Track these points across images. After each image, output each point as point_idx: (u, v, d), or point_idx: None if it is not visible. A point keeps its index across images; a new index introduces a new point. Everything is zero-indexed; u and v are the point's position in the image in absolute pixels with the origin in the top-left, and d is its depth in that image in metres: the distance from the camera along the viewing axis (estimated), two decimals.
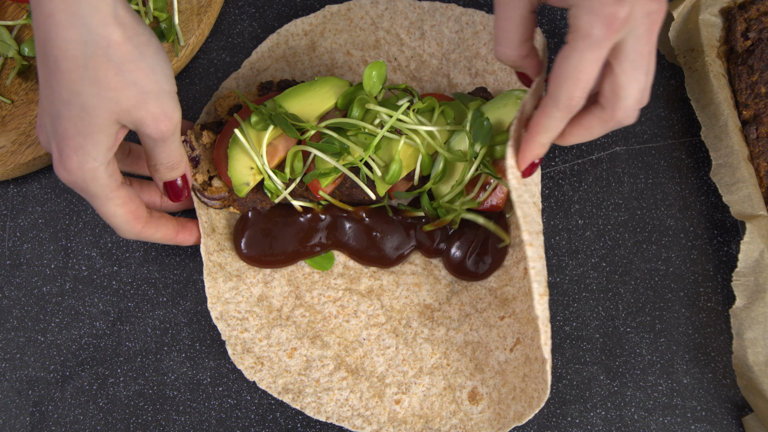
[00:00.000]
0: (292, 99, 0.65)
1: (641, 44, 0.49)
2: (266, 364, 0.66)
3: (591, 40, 0.48)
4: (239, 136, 0.62)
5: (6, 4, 0.75)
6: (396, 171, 0.63)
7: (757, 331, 0.63)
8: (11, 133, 0.71)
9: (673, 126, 0.73)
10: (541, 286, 0.54)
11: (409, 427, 0.64)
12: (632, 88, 0.51)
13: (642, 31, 0.49)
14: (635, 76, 0.51)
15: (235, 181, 0.64)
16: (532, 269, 0.53)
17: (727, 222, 0.71)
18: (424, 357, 0.67)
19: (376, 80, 0.63)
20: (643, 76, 0.51)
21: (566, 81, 0.50)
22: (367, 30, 0.73)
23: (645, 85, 0.52)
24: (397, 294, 0.69)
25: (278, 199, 0.66)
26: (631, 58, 0.50)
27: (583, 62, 0.49)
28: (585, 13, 0.48)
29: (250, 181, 0.64)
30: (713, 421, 0.67)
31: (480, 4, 0.75)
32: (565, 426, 0.67)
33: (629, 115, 0.53)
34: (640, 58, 0.50)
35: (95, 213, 0.72)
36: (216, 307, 0.66)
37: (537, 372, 0.61)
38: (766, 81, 0.67)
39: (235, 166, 0.63)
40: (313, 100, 0.65)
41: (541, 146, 0.55)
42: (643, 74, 0.51)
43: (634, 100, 0.52)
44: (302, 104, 0.65)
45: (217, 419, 0.68)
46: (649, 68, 0.51)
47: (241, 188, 0.64)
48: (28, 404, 0.69)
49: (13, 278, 0.71)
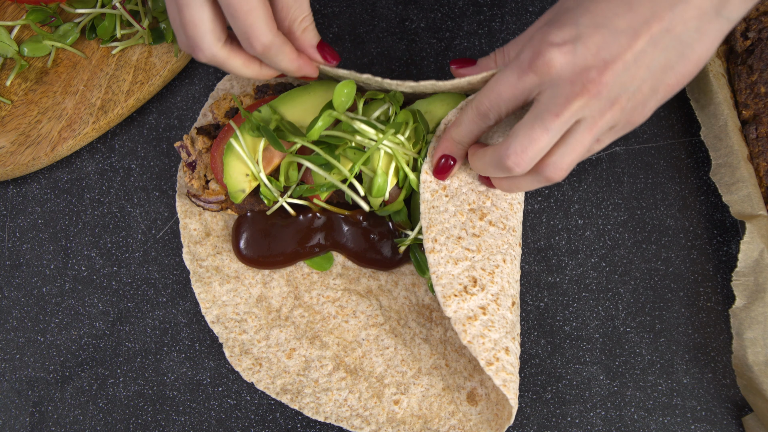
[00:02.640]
0: (288, 104, 0.64)
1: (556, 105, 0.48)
2: (265, 365, 0.66)
3: (516, 63, 0.50)
4: (234, 145, 0.62)
5: (6, 4, 0.75)
6: (381, 185, 0.62)
7: (757, 331, 0.63)
8: (11, 133, 0.71)
9: (672, 126, 0.73)
10: (449, 289, 0.54)
11: (407, 427, 0.64)
12: (523, 137, 0.50)
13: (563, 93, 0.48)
14: (533, 131, 0.49)
15: (231, 187, 0.63)
16: (433, 274, 0.55)
17: (727, 222, 0.70)
18: (422, 357, 0.67)
19: (345, 99, 0.62)
20: (544, 136, 0.49)
21: (485, 88, 0.53)
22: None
23: (542, 146, 0.50)
24: (395, 294, 0.69)
25: (274, 207, 0.65)
26: (537, 111, 0.49)
27: (502, 78, 0.51)
28: (529, 43, 0.49)
29: (246, 188, 0.64)
30: (713, 421, 0.67)
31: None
32: (565, 426, 0.67)
33: (518, 163, 0.51)
34: (550, 117, 0.48)
35: (95, 213, 0.72)
36: (211, 311, 0.66)
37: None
38: (766, 81, 0.67)
39: (230, 173, 0.63)
40: (307, 106, 0.64)
41: (452, 141, 0.57)
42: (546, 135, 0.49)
43: (522, 150, 0.50)
44: (298, 110, 0.64)
45: (217, 419, 0.68)
46: (553, 136, 0.49)
47: (236, 195, 0.64)
48: (28, 404, 0.69)
49: (13, 278, 0.71)
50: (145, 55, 0.73)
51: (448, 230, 0.57)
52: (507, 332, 0.57)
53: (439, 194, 0.59)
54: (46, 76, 0.73)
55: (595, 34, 0.46)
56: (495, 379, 0.55)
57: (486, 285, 0.57)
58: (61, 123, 0.71)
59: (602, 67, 0.46)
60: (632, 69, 0.47)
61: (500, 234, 0.60)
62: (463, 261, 0.57)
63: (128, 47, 0.73)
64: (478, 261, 0.58)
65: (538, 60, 0.47)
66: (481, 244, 0.58)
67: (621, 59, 0.46)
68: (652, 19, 0.45)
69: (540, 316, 0.69)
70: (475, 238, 0.58)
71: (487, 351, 0.55)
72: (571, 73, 0.47)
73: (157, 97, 0.75)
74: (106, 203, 0.73)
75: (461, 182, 0.60)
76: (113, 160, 0.74)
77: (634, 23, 0.46)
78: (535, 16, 0.75)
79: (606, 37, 0.46)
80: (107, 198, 0.73)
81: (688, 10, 0.45)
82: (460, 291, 0.55)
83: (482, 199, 0.60)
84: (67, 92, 0.73)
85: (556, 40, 0.47)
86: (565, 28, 0.47)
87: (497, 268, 0.59)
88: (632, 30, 0.46)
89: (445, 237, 0.57)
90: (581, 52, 0.46)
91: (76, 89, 0.72)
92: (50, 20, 0.74)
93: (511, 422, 0.61)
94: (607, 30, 0.46)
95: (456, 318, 0.55)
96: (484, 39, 0.75)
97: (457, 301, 0.55)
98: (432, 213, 0.58)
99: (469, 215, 0.59)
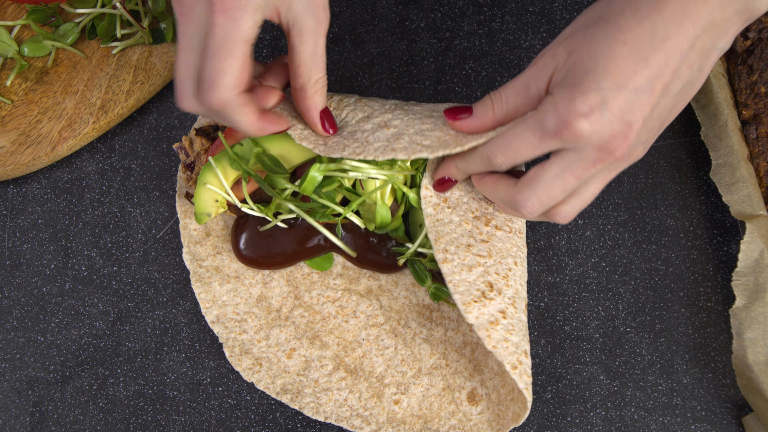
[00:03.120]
0: (272, 139, 0.62)
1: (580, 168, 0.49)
2: (265, 364, 0.66)
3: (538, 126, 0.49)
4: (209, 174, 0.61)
5: (6, 4, 0.75)
6: (384, 216, 0.62)
7: (757, 331, 0.63)
8: (11, 133, 0.71)
9: (672, 126, 0.73)
10: (468, 295, 0.54)
11: (407, 427, 0.64)
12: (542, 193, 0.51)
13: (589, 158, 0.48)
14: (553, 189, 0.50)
15: (198, 209, 0.63)
16: (450, 283, 0.54)
17: (727, 222, 0.70)
18: (422, 357, 0.67)
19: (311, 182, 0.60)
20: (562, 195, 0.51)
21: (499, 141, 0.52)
22: None
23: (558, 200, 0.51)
24: (395, 294, 0.69)
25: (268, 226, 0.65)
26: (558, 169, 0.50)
27: (521, 137, 0.50)
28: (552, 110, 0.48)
29: (212, 213, 0.63)
30: (713, 421, 0.67)
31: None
32: (565, 426, 0.67)
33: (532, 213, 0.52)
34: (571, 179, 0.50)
35: (95, 213, 0.73)
36: (211, 311, 0.66)
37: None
38: (766, 81, 0.67)
39: (201, 195, 0.62)
40: (291, 148, 0.62)
41: (456, 169, 0.57)
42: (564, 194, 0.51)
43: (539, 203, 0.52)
44: (282, 146, 0.61)
45: (217, 419, 0.68)
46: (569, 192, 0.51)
47: (201, 217, 0.63)
48: (28, 404, 0.69)
49: (13, 278, 0.71)
50: (146, 55, 0.73)
51: (456, 240, 0.57)
52: (524, 335, 0.57)
53: (441, 207, 0.59)
54: (47, 76, 0.73)
55: (618, 97, 0.46)
56: (519, 382, 0.55)
57: (502, 289, 0.57)
58: (62, 123, 0.71)
59: (627, 130, 0.47)
60: (649, 123, 0.48)
61: (508, 237, 0.60)
62: (476, 267, 0.56)
63: (128, 47, 0.73)
64: (491, 266, 0.57)
65: (566, 130, 0.47)
66: (491, 249, 0.58)
67: (642, 118, 0.47)
68: (665, 70, 0.46)
69: (540, 316, 0.69)
70: (484, 244, 0.58)
71: (510, 355, 0.55)
72: (599, 140, 0.47)
73: (157, 97, 0.75)
74: (107, 203, 0.73)
75: (461, 192, 0.60)
76: (113, 159, 0.74)
77: (650, 77, 0.46)
78: (535, 16, 0.75)
79: (628, 99, 0.46)
80: (107, 198, 0.73)
81: (692, 54, 0.46)
82: (479, 297, 0.55)
83: (484, 205, 0.60)
84: (68, 92, 0.73)
85: (584, 109, 0.46)
86: (590, 94, 0.46)
87: (510, 271, 0.59)
88: (650, 86, 0.46)
89: (455, 246, 0.57)
90: (608, 119, 0.46)
91: (76, 89, 0.73)
92: (50, 20, 0.74)
93: (519, 423, 0.61)
94: (628, 91, 0.46)
95: (479, 324, 0.54)
96: (484, 39, 0.75)
97: (478, 307, 0.54)
98: (437, 226, 0.58)
99: (475, 223, 0.59)
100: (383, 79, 0.75)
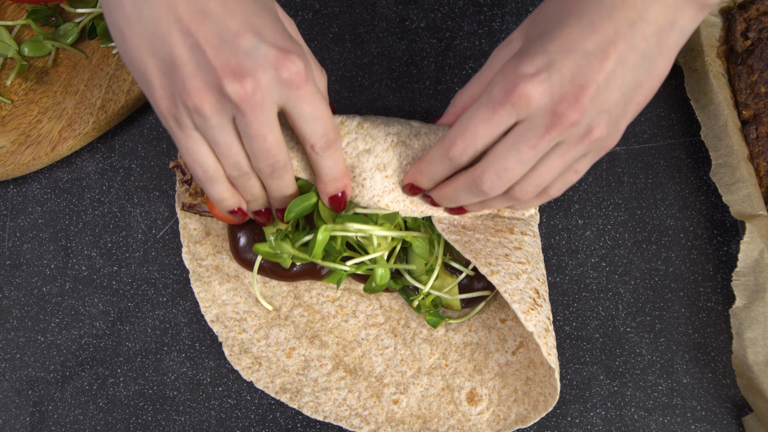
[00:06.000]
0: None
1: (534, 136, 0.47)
2: (264, 364, 0.66)
3: (487, 99, 0.48)
4: None
5: (6, 4, 0.75)
6: (383, 274, 0.62)
7: (757, 331, 0.63)
8: (11, 133, 0.72)
9: (672, 126, 0.73)
10: (525, 303, 0.54)
11: (407, 427, 0.64)
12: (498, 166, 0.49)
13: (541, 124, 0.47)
14: (508, 161, 0.49)
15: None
16: (505, 293, 0.54)
17: (727, 222, 0.70)
18: (422, 357, 0.67)
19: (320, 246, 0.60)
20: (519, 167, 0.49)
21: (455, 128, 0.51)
22: None
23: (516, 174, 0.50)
24: (395, 294, 0.69)
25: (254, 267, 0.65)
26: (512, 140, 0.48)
27: (475, 115, 0.49)
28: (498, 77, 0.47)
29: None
30: (713, 421, 0.67)
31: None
32: (565, 426, 0.67)
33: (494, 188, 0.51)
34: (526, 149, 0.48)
35: (95, 213, 0.73)
36: (211, 310, 0.66)
37: (543, 377, 0.61)
38: (766, 81, 0.67)
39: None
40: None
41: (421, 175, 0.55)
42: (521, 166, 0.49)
43: (497, 177, 0.50)
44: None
45: (217, 419, 0.68)
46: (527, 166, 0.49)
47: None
48: (28, 404, 0.69)
49: (13, 278, 0.72)
50: None
51: (492, 252, 0.57)
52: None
53: (463, 231, 0.58)
54: (47, 76, 0.74)
55: (566, 59, 0.45)
56: (558, 387, 0.57)
57: (543, 295, 0.57)
58: (62, 123, 0.71)
59: (578, 92, 0.46)
60: (605, 92, 0.46)
61: (534, 242, 0.61)
62: (521, 274, 0.56)
63: None
64: (532, 272, 0.57)
65: (513, 93, 0.46)
66: (527, 255, 0.58)
67: (594, 82, 0.46)
68: (616, 39, 0.45)
69: None
70: (518, 251, 0.58)
71: (556, 361, 0.56)
72: (549, 102, 0.46)
73: None
74: (107, 203, 0.73)
75: (471, 216, 0.61)
76: (113, 159, 0.74)
77: (601, 44, 0.45)
78: None
79: (578, 61, 0.45)
80: (107, 198, 0.73)
81: (646, 27, 0.46)
82: (532, 304, 0.55)
83: (498, 219, 0.61)
84: (68, 92, 0.73)
85: (529, 70, 0.46)
86: (536, 57, 0.46)
87: (544, 275, 0.59)
88: (600, 51, 0.45)
89: (495, 258, 0.56)
90: (556, 80, 0.46)
91: (76, 89, 0.73)
92: (50, 20, 0.74)
93: (527, 425, 0.62)
94: (577, 54, 0.45)
95: (537, 332, 0.54)
96: (484, 39, 0.75)
97: (534, 315, 0.54)
98: (468, 245, 0.57)
99: (500, 235, 0.59)
100: (383, 79, 0.75)
